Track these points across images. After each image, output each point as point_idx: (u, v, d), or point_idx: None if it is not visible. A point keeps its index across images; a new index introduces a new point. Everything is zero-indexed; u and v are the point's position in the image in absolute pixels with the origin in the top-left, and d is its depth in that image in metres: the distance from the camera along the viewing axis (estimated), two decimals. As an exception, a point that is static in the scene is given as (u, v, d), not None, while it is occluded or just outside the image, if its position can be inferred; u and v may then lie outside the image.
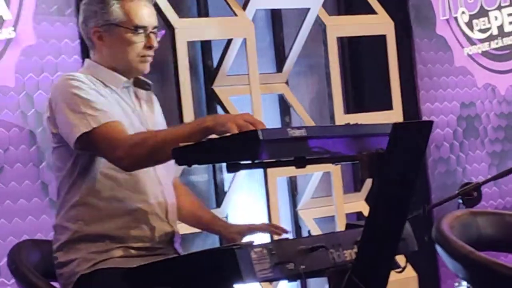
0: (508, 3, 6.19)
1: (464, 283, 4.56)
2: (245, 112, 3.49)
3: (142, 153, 3.31)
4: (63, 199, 3.45)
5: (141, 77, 3.60)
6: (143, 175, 3.46)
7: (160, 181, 3.54)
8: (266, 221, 4.94)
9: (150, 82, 3.62)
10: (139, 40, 3.46)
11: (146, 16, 3.45)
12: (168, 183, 3.61)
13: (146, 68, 3.47)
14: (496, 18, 6.08)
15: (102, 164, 3.38)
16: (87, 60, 3.58)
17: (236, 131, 2.99)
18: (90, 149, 3.31)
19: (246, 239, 3.65)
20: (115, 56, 3.50)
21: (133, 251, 3.41)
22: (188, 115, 4.81)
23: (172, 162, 3.25)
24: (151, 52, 3.47)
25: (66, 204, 3.42)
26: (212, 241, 4.59)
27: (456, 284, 4.90)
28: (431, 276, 5.70)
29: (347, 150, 3.19)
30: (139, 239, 3.48)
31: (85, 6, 3.49)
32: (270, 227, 3.81)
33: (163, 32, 3.59)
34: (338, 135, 3.29)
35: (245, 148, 2.91)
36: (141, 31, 3.47)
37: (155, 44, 3.49)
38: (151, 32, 3.48)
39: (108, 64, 3.49)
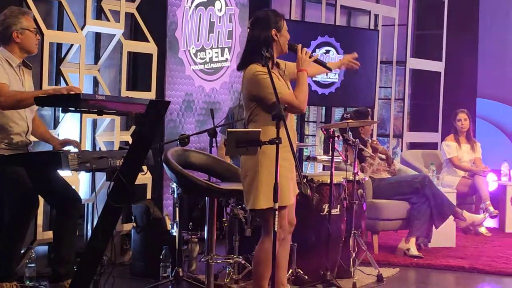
0: (216, 46, 7.00)
1: (175, 185, 5.13)
2: (73, 86, 4.69)
3: (12, 101, 4.24)
4: None
5: (26, 61, 4.52)
6: (16, 113, 4.37)
7: (26, 116, 4.44)
8: (78, 139, 5.29)
9: (30, 64, 4.61)
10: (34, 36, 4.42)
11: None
12: (30, 117, 4.50)
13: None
14: (209, 53, 6.95)
15: None
16: (1, 48, 4.42)
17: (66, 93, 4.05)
18: None
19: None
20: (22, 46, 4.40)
21: (4, 147, 4.36)
22: (45, 84, 5.32)
23: (34, 106, 4.31)
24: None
25: None
26: (49, 147, 4.79)
27: (171, 184, 5.35)
28: (159, 178, 6.42)
29: (125, 109, 4.33)
30: (9, 144, 4.40)
31: (2, 21, 4.43)
32: (77, 143, 4.72)
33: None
34: (121, 101, 4.43)
35: (72, 101, 3.97)
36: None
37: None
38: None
39: (12, 51, 4.40)
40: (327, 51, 7.56)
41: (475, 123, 9.24)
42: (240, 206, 5.09)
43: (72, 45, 5.68)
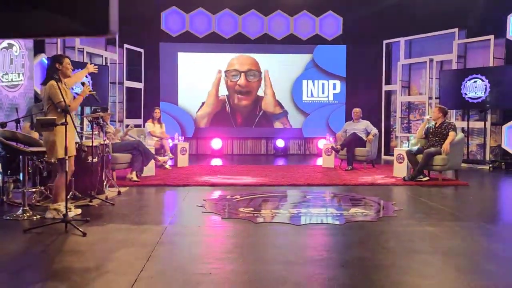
0: (15, 72, 6.27)
1: (-1, 149, 4.66)
2: None
3: None
4: None
5: None
6: None
7: None
8: None
9: None
10: None
11: None
12: None
13: None
14: (10, 76, 6.27)
15: None
16: None
17: None
18: None
19: None
20: None
21: None
22: None
23: None
24: None
25: None
26: None
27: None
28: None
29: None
30: None
31: None
32: None
33: None
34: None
35: None
36: None
37: None
38: None
39: None
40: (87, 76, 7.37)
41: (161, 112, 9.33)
42: (39, 160, 4.75)
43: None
